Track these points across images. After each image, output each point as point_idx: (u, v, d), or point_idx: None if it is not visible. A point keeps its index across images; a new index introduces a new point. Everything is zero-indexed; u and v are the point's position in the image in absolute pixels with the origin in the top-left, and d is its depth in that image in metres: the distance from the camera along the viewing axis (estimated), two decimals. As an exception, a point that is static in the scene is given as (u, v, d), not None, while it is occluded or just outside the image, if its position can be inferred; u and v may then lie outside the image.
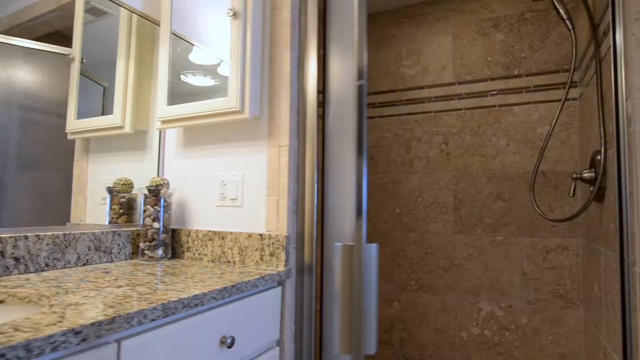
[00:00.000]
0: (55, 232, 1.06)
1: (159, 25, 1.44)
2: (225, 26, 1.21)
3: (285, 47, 1.18)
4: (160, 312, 0.72)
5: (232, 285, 0.90)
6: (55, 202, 1.11)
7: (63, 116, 1.15)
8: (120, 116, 1.33)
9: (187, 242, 1.30)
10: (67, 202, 1.14)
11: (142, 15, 1.39)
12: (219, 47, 1.23)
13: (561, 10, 1.37)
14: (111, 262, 1.20)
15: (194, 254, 1.28)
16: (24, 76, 1.05)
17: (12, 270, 0.96)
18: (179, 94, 1.29)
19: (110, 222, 1.26)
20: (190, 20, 1.29)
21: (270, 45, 1.22)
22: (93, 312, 0.65)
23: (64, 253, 1.08)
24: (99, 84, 1.29)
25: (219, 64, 1.26)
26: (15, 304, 0.79)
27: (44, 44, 1.13)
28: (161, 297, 0.76)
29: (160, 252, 1.24)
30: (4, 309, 0.79)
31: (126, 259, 1.25)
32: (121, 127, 1.33)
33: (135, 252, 1.28)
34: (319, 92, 1.19)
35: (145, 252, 1.23)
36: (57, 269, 1.06)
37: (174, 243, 1.33)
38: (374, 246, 0.63)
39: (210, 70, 1.27)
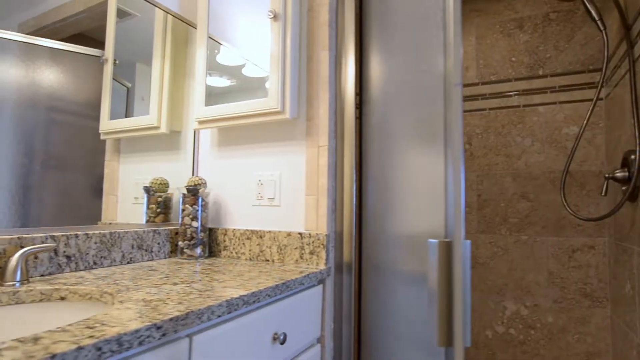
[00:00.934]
0: (102, 231, 1.08)
1: (192, 26, 1.46)
2: (259, 28, 1.23)
3: (324, 49, 1.20)
4: (225, 308, 0.73)
5: (283, 283, 0.92)
6: (85, 202, 1.10)
7: (90, 117, 1.14)
8: (156, 116, 1.34)
9: (224, 241, 1.31)
10: (96, 202, 1.14)
11: (177, 17, 1.40)
12: (250, 48, 1.25)
13: (593, 12, 1.38)
14: (152, 260, 1.22)
15: (231, 252, 1.29)
16: (52, 77, 1.05)
17: (64, 268, 0.98)
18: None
19: (147, 222, 1.28)
20: (224, 22, 1.30)
21: (308, 46, 1.23)
22: (165, 308, 0.67)
23: (110, 251, 1.10)
24: (123, 84, 1.31)
25: (243, 65, 1.28)
26: (76, 301, 0.81)
27: (76, 45, 1.13)
28: (222, 294, 0.77)
29: (198, 250, 1.26)
30: (68, 306, 0.81)
31: (165, 257, 1.27)
32: (157, 128, 1.35)
33: (174, 251, 1.30)
34: (356, 94, 1.21)
35: (185, 250, 1.25)
36: (104, 266, 1.08)
37: (210, 242, 1.34)
38: (468, 242, 0.65)
39: (232, 71, 1.29)
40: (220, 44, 1.33)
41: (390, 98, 1.05)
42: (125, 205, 1.22)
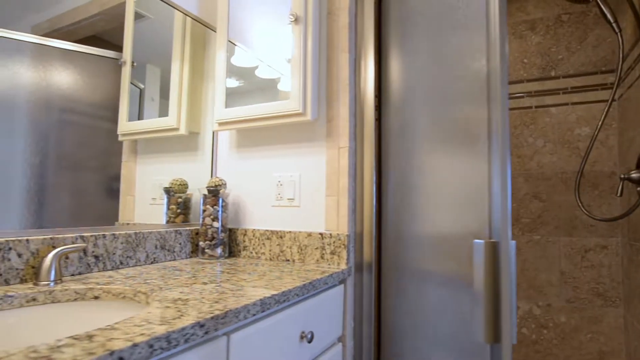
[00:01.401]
0: (128, 231, 1.10)
1: (210, 29, 1.48)
2: (275, 30, 1.25)
3: (344, 51, 1.21)
4: (259, 307, 0.75)
5: (309, 283, 0.93)
6: (102, 203, 1.11)
7: (105, 118, 1.14)
8: (175, 118, 1.36)
9: (244, 241, 1.33)
10: (113, 203, 1.14)
11: (196, 19, 1.42)
12: (265, 50, 1.27)
13: (608, 14, 1.39)
14: (174, 260, 1.24)
15: (251, 252, 1.31)
16: (68, 79, 1.05)
17: (93, 268, 1.00)
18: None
19: (167, 222, 1.29)
20: (241, 24, 1.32)
21: (327, 49, 1.25)
22: (203, 307, 0.68)
23: (135, 251, 1.11)
24: (136, 86, 1.32)
25: (256, 67, 1.30)
26: (110, 300, 0.83)
27: (94, 48, 1.14)
28: (254, 294, 0.79)
29: (219, 250, 1.27)
30: (102, 305, 0.82)
31: (187, 257, 1.29)
32: (176, 129, 1.37)
33: (194, 251, 1.32)
34: (375, 95, 1.22)
35: (206, 250, 1.26)
36: (129, 266, 1.09)
37: (230, 242, 1.36)
38: (513, 243, 0.66)
39: (246, 73, 1.31)
40: (235, 46, 1.34)
41: (415, 100, 1.07)
42: (142, 206, 1.24)
